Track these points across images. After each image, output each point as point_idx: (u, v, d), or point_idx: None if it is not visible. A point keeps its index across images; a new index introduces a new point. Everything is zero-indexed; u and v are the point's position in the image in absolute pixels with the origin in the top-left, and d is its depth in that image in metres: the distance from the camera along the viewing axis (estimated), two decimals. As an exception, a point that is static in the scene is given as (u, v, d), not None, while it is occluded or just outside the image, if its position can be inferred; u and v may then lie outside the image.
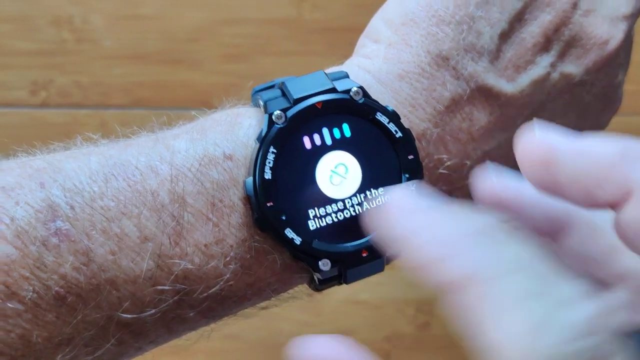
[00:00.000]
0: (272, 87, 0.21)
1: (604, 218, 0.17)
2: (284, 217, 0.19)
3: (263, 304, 0.21)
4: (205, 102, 0.62)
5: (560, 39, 0.22)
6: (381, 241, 0.15)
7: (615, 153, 0.14)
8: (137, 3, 0.57)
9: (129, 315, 0.18)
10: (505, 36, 0.21)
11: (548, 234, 0.18)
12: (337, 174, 0.20)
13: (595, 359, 0.11)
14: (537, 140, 0.15)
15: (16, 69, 0.56)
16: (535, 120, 0.17)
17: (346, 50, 0.24)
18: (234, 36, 0.57)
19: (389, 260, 0.20)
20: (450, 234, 0.13)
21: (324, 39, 0.57)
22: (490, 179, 0.18)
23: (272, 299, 0.21)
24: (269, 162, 0.19)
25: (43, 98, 0.56)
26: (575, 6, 0.22)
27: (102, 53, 0.56)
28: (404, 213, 0.14)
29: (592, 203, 0.15)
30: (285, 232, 0.19)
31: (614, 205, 0.15)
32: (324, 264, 0.19)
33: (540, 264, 0.13)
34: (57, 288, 0.17)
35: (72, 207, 0.17)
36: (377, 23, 0.23)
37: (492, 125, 0.21)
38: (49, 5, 0.56)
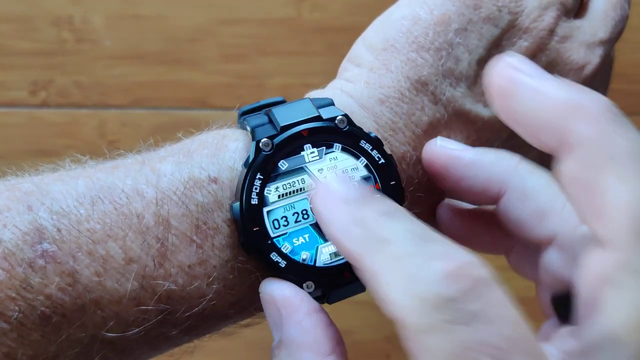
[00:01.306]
0: (258, 109, 0.21)
1: (534, 184, 0.19)
2: (269, 242, 0.19)
3: (245, 322, 0.21)
4: (205, 102, 0.62)
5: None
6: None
7: (566, 103, 0.15)
8: (137, 3, 0.57)
9: (113, 334, 0.18)
10: (483, 62, 0.22)
11: (487, 198, 0.20)
12: None
13: (464, 298, 0.13)
14: (507, 69, 0.16)
15: (16, 69, 0.56)
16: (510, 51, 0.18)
17: (345, 50, 0.24)
18: (234, 36, 0.57)
19: None
20: (342, 220, 0.16)
21: (324, 38, 0.57)
22: (435, 145, 0.20)
23: (255, 316, 0.21)
24: (256, 188, 0.19)
25: (43, 98, 0.57)
26: (552, 33, 0.23)
27: (102, 53, 0.56)
28: (325, 201, 0.16)
29: (539, 144, 0.16)
30: (271, 255, 0.19)
31: (554, 152, 0.16)
32: (308, 286, 0.19)
33: (411, 231, 0.15)
34: (42, 308, 0.17)
35: (58, 230, 0.18)
36: (360, 48, 0.23)
37: None
38: (49, 5, 0.57)
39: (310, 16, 0.58)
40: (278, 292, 0.18)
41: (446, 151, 0.20)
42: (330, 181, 0.16)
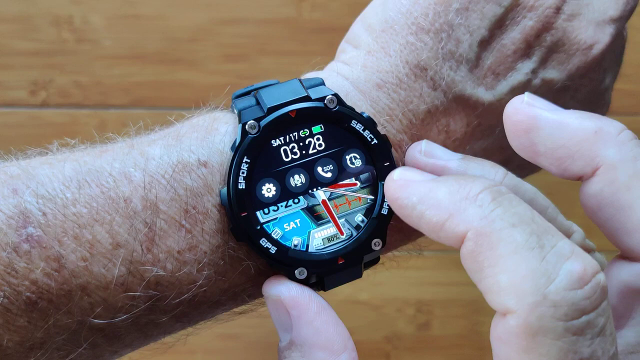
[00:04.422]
0: (249, 92, 0.21)
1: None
2: (258, 227, 0.19)
3: (239, 309, 0.21)
4: (205, 102, 0.62)
5: (542, 45, 0.22)
6: (399, 212, 0.17)
7: (591, 129, 0.16)
8: (137, 3, 0.57)
9: (101, 321, 0.18)
10: (485, 43, 0.21)
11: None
12: None
13: (590, 306, 0.13)
14: (524, 106, 0.17)
15: (16, 69, 0.56)
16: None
17: (345, 50, 0.24)
18: (234, 36, 0.57)
19: (367, 266, 0.20)
20: (454, 196, 0.15)
21: (323, 38, 0.57)
22: (418, 154, 0.20)
23: (249, 303, 0.21)
24: (243, 172, 0.19)
25: (43, 98, 0.57)
26: (558, 10, 0.22)
27: (102, 53, 0.56)
28: (412, 184, 0.16)
29: (563, 173, 0.16)
30: (261, 241, 0.19)
31: (582, 178, 0.16)
32: (300, 273, 0.19)
33: (539, 220, 0.14)
34: (28, 293, 0.17)
35: (44, 214, 0.17)
36: (358, 28, 0.22)
37: (469, 135, 0.21)
38: (49, 5, 0.57)
39: (310, 16, 0.58)
40: (285, 293, 0.18)
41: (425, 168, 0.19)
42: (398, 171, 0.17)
